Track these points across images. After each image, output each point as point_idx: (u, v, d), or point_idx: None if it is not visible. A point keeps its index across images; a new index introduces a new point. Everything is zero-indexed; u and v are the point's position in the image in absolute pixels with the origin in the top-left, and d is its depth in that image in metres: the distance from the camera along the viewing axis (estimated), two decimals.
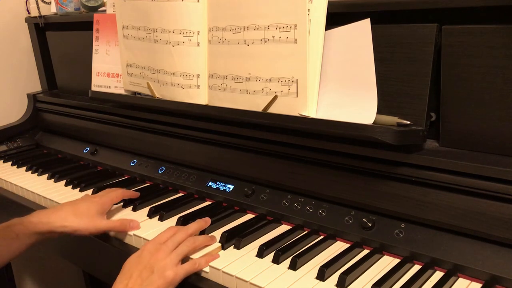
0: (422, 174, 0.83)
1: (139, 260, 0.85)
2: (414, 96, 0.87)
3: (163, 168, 1.26)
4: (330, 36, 0.93)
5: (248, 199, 1.06)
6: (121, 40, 1.30)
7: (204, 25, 1.11)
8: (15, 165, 1.48)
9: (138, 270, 0.83)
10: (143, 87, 1.28)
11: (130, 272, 0.83)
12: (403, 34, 0.87)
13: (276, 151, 1.03)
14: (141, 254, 0.86)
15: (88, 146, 1.49)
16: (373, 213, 0.90)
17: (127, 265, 0.85)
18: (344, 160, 0.93)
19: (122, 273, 0.84)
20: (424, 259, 0.82)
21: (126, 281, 0.82)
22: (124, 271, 0.84)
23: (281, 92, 0.99)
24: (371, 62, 0.89)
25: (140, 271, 0.82)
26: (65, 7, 1.57)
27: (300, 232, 0.96)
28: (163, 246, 0.87)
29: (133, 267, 0.84)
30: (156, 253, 0.85)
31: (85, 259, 1.14)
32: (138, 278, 0.81)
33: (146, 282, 0.81)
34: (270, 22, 0.97)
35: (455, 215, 0.80)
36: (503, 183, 0.76)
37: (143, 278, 0.81)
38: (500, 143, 0.82)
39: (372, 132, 0.83)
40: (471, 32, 0.80)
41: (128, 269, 0.84)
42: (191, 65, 1.14)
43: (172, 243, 0.88)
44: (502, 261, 0.76)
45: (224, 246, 0.92)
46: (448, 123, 0.87)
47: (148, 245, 0.88)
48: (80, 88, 1.56)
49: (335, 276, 0.80)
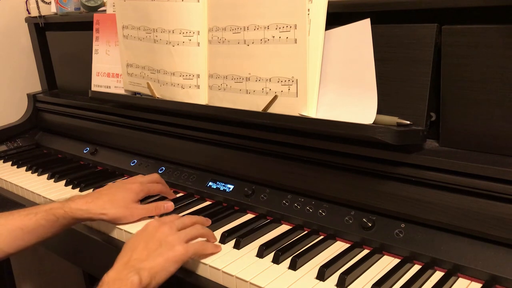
0: (422, 174, 0.83)
1: (144, 233, 0.82)
2: (414, 96, 0.87)
3: (163, 168, 1.26)
4: (330, 36, 0.93)
5: (248, 199, 1.06)
6: (121, 40, 1.30)
7: (204, 25, 1.11)
8: (15, 165, 1.48)
9: (143, 242, 0.79)
10: (143, 87, 1.28)
11: (135, 245, 0.80)
12: (403, 34, 0.87)
13: (276, 151, 1.03)
14: (146, 228, 0.83)
15: (88, 146, 1.49)
16: (373, 213, 0.90)
17: (130, 240, 0.82)
18: (344, 160, 0.93)
19: (126, 247, 0.81)
20: (424, 259, 0.82)
21: (130, 252, 0.78)
22: (128, 245, 0.81)
23: (281, 92, 0.99)
24: (371, 62, 0.89)
25: (146, 243, 0.79)
26: (65, 7, 1.57)
27: (300, 232, 0.96)
28: (169, 223, 0.84)
29: (138, 240, 0.81)
30: (162, 227, 0.82)
31: (85, 259, 1.14)
32: (144, 250, 0.78)
33: (154, 253, 0.77)
34: (270, 22, 0.97)
35: (455, 215, 0.80)
36: (503, 183, 0.76)
37: (150, 249, 0.78)
38: (500, 143, 0.82)
39: (372, 132, 0.83)
40: (471, 32, 0.80)
41: (132, 242, 0.81)
42: (191, 65, 1.14)
43: (179, 222, 0.85)
44: (502, 261, 0.76)
45: (224, 246, 0.91)
46: (448, 123, 0.87)
47: (153, 222, 0.85)
48: (80, 88, 1.56)
49: (335, 276, 0.80)
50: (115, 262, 0.79)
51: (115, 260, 0.79)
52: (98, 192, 1.05)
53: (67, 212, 0.96)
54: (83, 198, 1.01)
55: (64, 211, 0.96)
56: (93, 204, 0.99)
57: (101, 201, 1.00)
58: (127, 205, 1.01)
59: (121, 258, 0.79)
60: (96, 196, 1.02)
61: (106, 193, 1.03)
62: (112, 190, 1.04)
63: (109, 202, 1.00)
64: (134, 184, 1.06)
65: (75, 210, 0.97)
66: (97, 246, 1.05)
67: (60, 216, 0.96)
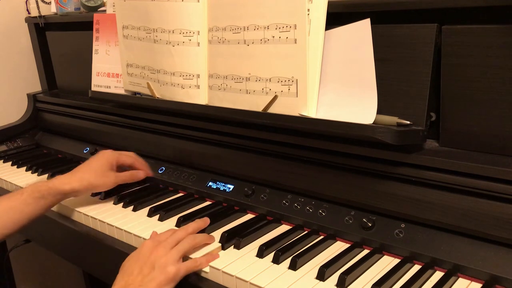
0: (422, 174, 0.83)
1: (139, 257, 0.84)
2: (414, 96, 0.87)
3: (163, 168, 1.26)
4: (330, 36, 0.93)
5: (248, 199, 1.06)
6: (121, 40, 1.30)
7: (204, 25, 1.11)
8: (15, 165, 1.48)
9: (138, 266, 0.82)
10: (143, 87, 1.28)
11: (131, 269, 0.82)
12: (403, 34, 0.87)
13: (276, 151, 1.03)
14: (141, 251, 0.86)
15: (88, 146, 1.49)
16: (373, 213, 0.90)
17: (126, 263, 0.85)
18: (344, 160, 0.93)
19: (122, 271, 0.84)
20: (424, 259, 0.82)
21: (127, 277, 0.81)
22: (124, 269, 0.84)
23: (281, 92, 0.99)
24: (371, 62, 0.89)
25: (140, 268, 0.82)
26: (65, 7, 1.57)
27: (300, 232, 0.96)
28: (163, 243, 0.86)
29: (133, 264, 0.83)
30: (156, 249, 0.85)
31: (85, 259, 1.14)
32: (138, 275, 0.81)
33: (147, 278, 0.80)
34: (270, 22, 0.97)
35: (455, 215, 0.80)
36: (503, 183, 0.76)
37: (144, 274, 0.81)
38: (500, 143, 0.82)
39: (372, 132, 0.83)
40: (471, 32, 0.80)
41: (128, 266, 0.84)
42: (191, 65, 1.14)
43: (172, 239, 0.87)
44: (502, 261, 0.76)
45: (224, 246, 0.91)
46: (448, 123, 0.87)
47: (148, 242, 0.87)
48: (80, 88, 1.56)
49: (335, 276, 0.80)
50: (113, 285, 0.81)
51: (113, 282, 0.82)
52: (77, 167, 1.14)
53: (51, 187, 1.04)
54: (64, 175, 1.10)
55: (48, 187, 1.04)
56: (74, 176, 1.09)
57: (80, 173, 1.10)
58: (103, 173, 1.12)
59: (118, 282, 0.82)
60: (75, 170, 1.12)
61: (83, 165, 1.13)
62: (88, 161, 1.14)
63: (87, 172, 1.10)
64: (107, 152, 1.17)
65: (58, 184, 1.06)
66: (97, 246, 1.05)
67: (45, 192, 1.03)
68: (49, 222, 1.17)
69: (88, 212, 1.10)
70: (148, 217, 1.06)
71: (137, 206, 1.10)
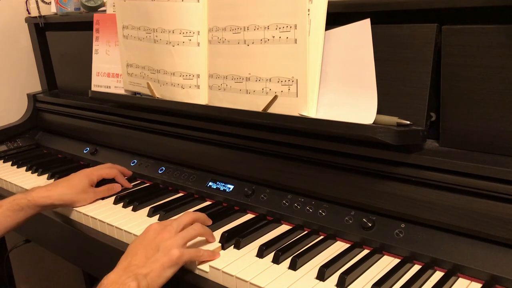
0: (422, 174, 0.83)
1: (144, 238, 0.85)
2: (414, 96, 0.87)
3: (163, 168, 1.26)
4: (330, 36, 0.93)
5: (248, 199, 1.06)
6: (121, 40, 1.30)
7: (204, 25, 1.11)
8: (15, 165, 1.48)
9: (143, 248, 0.83)
10: (143, 87, 1.28)
11: (135, 250, 0.83)
12: (403, 34, 0.87)
13: (276, 151, 1.03)
14: (146, 233, 0.86)
15: (88, 146, 1.49)
16: (373, 213, 0.90)
17: (131, 245, 0.85)
18: (344, 160, 0.93)
19: (126, 252, 0.84)
20: (424, 259, 0.82)
21: (130, 258, 0.81)
22: (128, 250, 0.84)
23: (281, 92, 0.99)
24: (371, 62, 0.89)
25: (145, 249, 0.82)
26: (65, 7, 1.57)
27: (300, 232, 0.96)
28: (168, 227, 0.86)
29: (138, 246, 0.84)
30: (162, 232, 0.85)
31: (85, 259, 1.14)
32: (142, 256, 0.81)
33: (151, 259, 0.80)
34: (270, 22, 0.97)
35: (455, 215, 0.80)
36: (503, 183, 0.76)
37: (148, 256, 0.81)
38: (500, 143, 0.82)
39: (372, 132, 0.83)
40: (471, 32, 0.80)
41: (133, 247, 0.84)
42: (191, 65, 1.14)
43: (177, 223, 0.88)
44: (502, 261, 0.76)
45: (224, 246, 0.91)
46: (448, 123, 0.87)
47: (154, 225, 0.88)
48: (80, 88, 1.56)
49: (335, 276, 0.80)
50: (116, 265, 0.81)
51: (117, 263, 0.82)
52: (57, 181, 1.16)
53: (30, 201, 1.05)
54: (44, 187, 1.10)
55: (28, 200, 1.05)
56: (53, 191, 1.09)
57: (59, 188, 1.11)
58: (83, 189, 1.13)
59: (121, 262, 0.82)
60: (55, 184, 1.13)
61: (64, 180, 1.15)
62: (69, 177, 1.16)
63: (67, 187, 1.11)
64: (87, 170, 1.19)
65: (38, 198, 1.06)
66: (96, 246, 1.05)
67: (24, 205, 1.05)
68: (49, 222, 1.17)
69: (88, 212, 1.10)
70: (148, 217, 1.06)
71: (137, 206, 1.10)
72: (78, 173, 1.18)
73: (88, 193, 1.14)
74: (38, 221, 1.19)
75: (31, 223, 1.05)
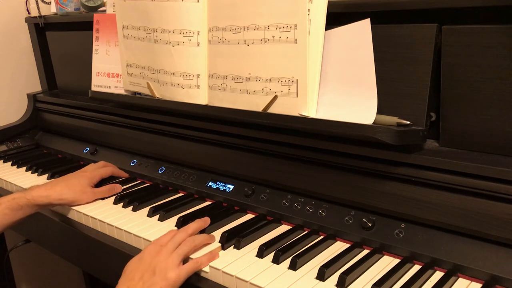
0: (422, 174, 0.83)
1: (141, 262, 0.85)
2: (414, 96, 0.87)
3: (163, 168, 1.26)
4: (330, 36, 0.93)
5: (248, 199, 1.06)
6: (121, 40, 1.30)
7: (204, 25, 1.11)
8: (15, 165, 1.48)
9: (139, 272, 0.83)
10: (143, 87, 1.28)
11: (132, 275, 0.83)
12: (403, 34, 0.87)
13: (276, 151, 1.03)
14: (142, 256, 0.86)
15: (88, 146, 1.49)
16: (373, 213, 0.90)
17: (128, 268, 0.85)
18: (344, 160, 0.93)
19: (123, 276, 0.84)
20: (424, 259, 0.82)
21: (128, 283, 0.82)
22: (125, 274, 0.84)
23: (281, 92, 0.99)
24: (371, 62, 0.89)
25: (142, 273, 0.82)
26: (65, 7, 1.57)
27: (300, 232, 0.96)
28: (163, 248, 0.87)
29: (134, 270, 0.84)
30: (158, 254, 0.85)
31: (85, 259, 1.14)
32: (140, 280, 0.81)
33: (148, 283, 0.80)
34: (270, 22, 0.97)
35: (455, 215, 0.80)
36: (503, 183, 0.76)
37: (145, 280, 0.81)
38: (500, 143, 0.82)
39: (372, 132, 0.83)
40: (471, 32, 0.80)
41: (129, 272, 0.84)
42: (191, 65, 1.14)
43: (172, 243, 0.88)
44: (502, 261, 0.76)
45: (224, 246, 0.92)
46: (448, 123, 0.87)
47: (149, 247, 0.88)
48: (80, 88, 1.56)
49: (335, 276, 0.80)
50: None
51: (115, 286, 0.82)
52: (55, 180, 1.18)
53: (30, 200, 1.07)
54: (42, 186, 1.12)
55: (27, 199, 1.07)
56: (52, 191, 1.10)
57: (59, 187, 1.12)
58: (82, 189, 1.14)
59: (119, 287, 0.82)
60: (54, 183, 1.14)
61: (62, 180, 1.16)
62: (67, 177, 1.17)
63: (66, 188, 1.12)
64: (87, 171, 1.21)
65: (37, 197, 1.08)
66: (96, 246, 1.05)
67: (23, 204, 1.06)
68: (49, 222, 1.17)
69: (88, 212, 1.10)
70: (148, 217, 1.06)
71: (137, 206, 1.10)
72: (77, 173, 1.20)
73: (87, 193, 1.14)
74: (38, 221, 1.19)
75: (31, 223, 1.05)
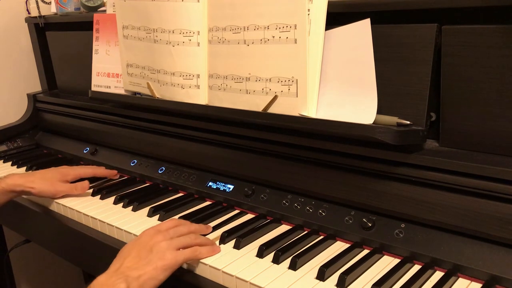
0: (422, 174, 0.83)
1: (138, 241, 0.84)
2: (414, 96, 0.87)
3: (163, 168, 1.26)
4: (330, 36, 0.93)
5: (248, 199, 1.06)
6: (121, 40, 1.30)
7: (204, 25, 1.11)
8: (15, 165, 1.48)
9: (136, 250, 0.81)
10: (143, 87, 1.28)
11: (128, 253, 0.82)
12: (403, 34, 0.87)
13: (276, 151, 1.03)
14: (140, 237, 0.85)
15: (88, 146, 1.49)
16: (373, 213, 0.90)
17: (125, 247, 0.84)
18: (344, 160, 0.93)
19: (119, 254, 0.83)
20: (424, 259, 0.82)
21: (122, 260, 0.80)
22: (121, 252, 0.83)
23: (281, 92, 0.99)
24: (371, 62, 0.89)
25: (138, 251, 0.81)
26: (65, 7, 1.57)
27: (300, 232, 0.96)
28: (163, 232, 0.86)
29: (131, 248, 0.83)
30: (156, 235, 0.84)
31: (85, 259, 1.14)
32: (135, 257, 0.80)
33: (143, 261, 0.79)
34: (270, 22, 0.97)
35: (455, 215, 0.80)
36: (503, 183, 0.76)
37: (141, 257, 0.80)
38: (500, 143, 0.82)
39: (372, 132, 0.83)
40: (471, 32, 0.80)
41: (126, 250, 0.83)
42: (191, 65, 1.14)
43: (174, 232, 0.87)
44: (502, 261, 0.76)
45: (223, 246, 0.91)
46: (448, 123, 0.87)
47: (148, 230, 0.87)
48: (80, 88, 1.56)
49: (335, 276, 0.80)
50: (109, 267, 0.80)
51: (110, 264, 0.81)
52: (33, 171, 1.28)
53: (5, 187, 1.13)
54: (18, 174, 1.18)
55: (2, 186, 1.13)
56: (26, 179, 1.16)
57: (32, 177, 1.17)
58: (53, 182, 1.18)
59: (114, 264, 0.81)
60: (30, 173, 1.22)
61: (38, 172, 1.23)
62: (44, 170, 1.24)
63: (39, 179, 1.17)
64: (64, 168, 1.25)
65: (12, 185, 1.14)
66: (96, 246, 1.05)
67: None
68: (49, 222, 1.17)
69: (88, 212, 1.10)
70: (148, 217, 1.06)
71: (137, 206, 1.10)
72: (55, 169, 1.24)
73: (54, 186, 1.17)
74: (37, 221, 1.19)
75: (31, 223, 1.05)
